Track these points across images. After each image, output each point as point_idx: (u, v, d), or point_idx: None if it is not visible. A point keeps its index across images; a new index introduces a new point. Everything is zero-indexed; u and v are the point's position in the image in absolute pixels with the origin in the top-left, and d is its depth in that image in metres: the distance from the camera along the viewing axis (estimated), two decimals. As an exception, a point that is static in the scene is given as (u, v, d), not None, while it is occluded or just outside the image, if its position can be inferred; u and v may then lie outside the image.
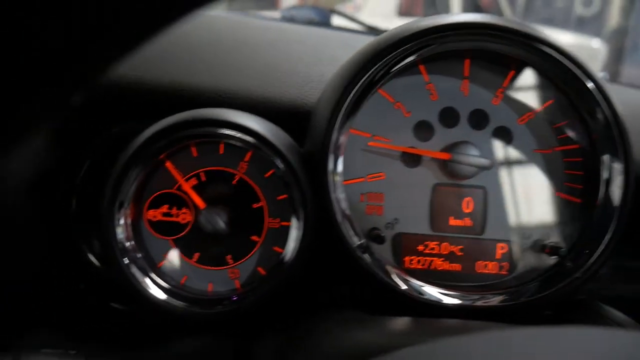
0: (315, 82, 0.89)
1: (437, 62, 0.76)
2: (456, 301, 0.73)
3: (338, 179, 0.73)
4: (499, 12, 5.32)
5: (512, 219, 0.79)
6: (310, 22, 1.65)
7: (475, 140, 0.77)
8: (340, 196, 0.73)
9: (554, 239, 0.79)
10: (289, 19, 1.75)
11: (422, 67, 0.76)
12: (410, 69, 0.76)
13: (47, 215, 0.83)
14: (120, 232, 0.71)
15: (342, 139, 0.74)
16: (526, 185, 0.78)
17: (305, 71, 0.91)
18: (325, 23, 1.76)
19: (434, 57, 0.74)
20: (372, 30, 1.56)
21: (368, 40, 0.77)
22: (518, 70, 0.77)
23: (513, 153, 0.78)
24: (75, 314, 0.89)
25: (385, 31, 0.76)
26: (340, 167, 0.74)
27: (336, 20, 1.87)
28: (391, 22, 2.46)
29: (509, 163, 0.78)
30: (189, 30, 1.03)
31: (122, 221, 0.71)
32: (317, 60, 0.96)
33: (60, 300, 0.88)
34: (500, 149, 0.78)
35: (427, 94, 0.77)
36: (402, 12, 4.96)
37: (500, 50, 0.73)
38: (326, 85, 0.80)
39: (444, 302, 0.73)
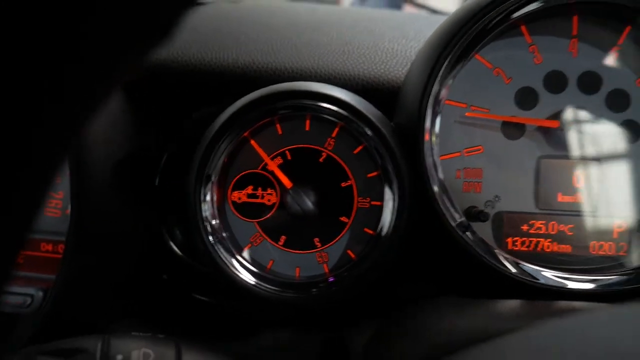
0: (401, 58, 0.83)
1: (540, 21, 0.69)
2: (584, 286, 0.65)
3: (434, 153, 0.67)
4: None
5: (631, 193, 0.70)
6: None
7: (587, 106, 0.69)
8: (437, 170, 0.67)
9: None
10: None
11: (523, 28, 0.69)
12: (511, 30, 0.69)
13: (132, 203, 0.82)
14: (206, 209, 0.68)
15: (437, 110, 0.68)
16: (648, 154, 0.69)
17: (390, 47, 0.86)
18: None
19: (538, 16, 0.67)
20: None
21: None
22: (635, 24, 0.68)
23: (631, 119, 0.69)
24: (160, 305, 0.87)
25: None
26: (436, 140, 0.68)
27: (407, 9, 1.82)
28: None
29: (626, 130, 0.70)
30: (267, 12, 1.00)
31: (207, 197, 0.68)
32: (401, 36, 0.90)
33: (145, 291, 0.87)
34: (615, 114, 0.69)
35: (530, 57, 0.70)
36: None
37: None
38: (416, 55, 0.75)
39: (568, 287, 0.65)
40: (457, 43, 0.65)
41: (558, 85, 0.70)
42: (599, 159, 0.70)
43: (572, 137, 0.70)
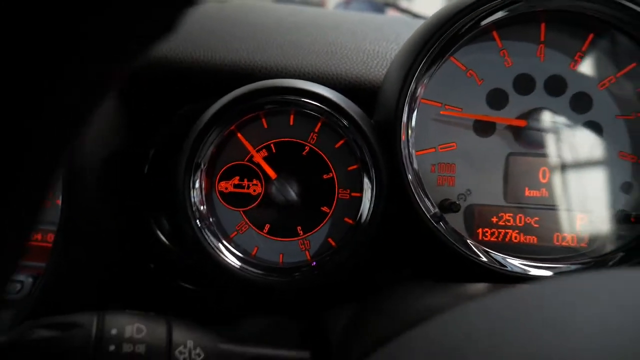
0: (381, 59, 0.88)
1: (511, 27, 0.74)
2: (544, 273, 0.70)
3: (410, 148, 0.72)
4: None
5: (592, 189, 0.75)
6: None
7: (553, 107, 0.74)
8: (413, 165, 0.72)
9: (640, 207, 0.75)
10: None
11: (495, 33, 0.74)
12: (483, 35, 0.74)
13: (120, 193, 0.85)
14: (195, 195, 0.72)
15: (413, 108, 0.72)
16: (608, 152, 0.75)
17: (371, 48, 0.91)
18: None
19: (508, 22, 0.72)
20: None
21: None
22: (598, 32, 0.73)
23: (593, 120, 0.75)
24: (147, 293, 0.90)
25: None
26: (411, 136, 0.72)
27: (390, 14, 1.87)
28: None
29: (588, 130, 0.75)
30: (253, 13, 1.04)
31: (197, 185, 0.72)
32: (382, 37, 0.95)
33: (132, 279, 0.90)
34: (579, 115, 0.75)
35: (500, 60, 0.75)
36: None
37: (584, 9, 0.70)
38: (395, 56, 0.79)
39: (530, 273, 0.70)
40: (432, 46, 0.70)
41: (526, 88, 0.75)
42: (563, 157, 0.75)
43: (539, 135, 0.75)
